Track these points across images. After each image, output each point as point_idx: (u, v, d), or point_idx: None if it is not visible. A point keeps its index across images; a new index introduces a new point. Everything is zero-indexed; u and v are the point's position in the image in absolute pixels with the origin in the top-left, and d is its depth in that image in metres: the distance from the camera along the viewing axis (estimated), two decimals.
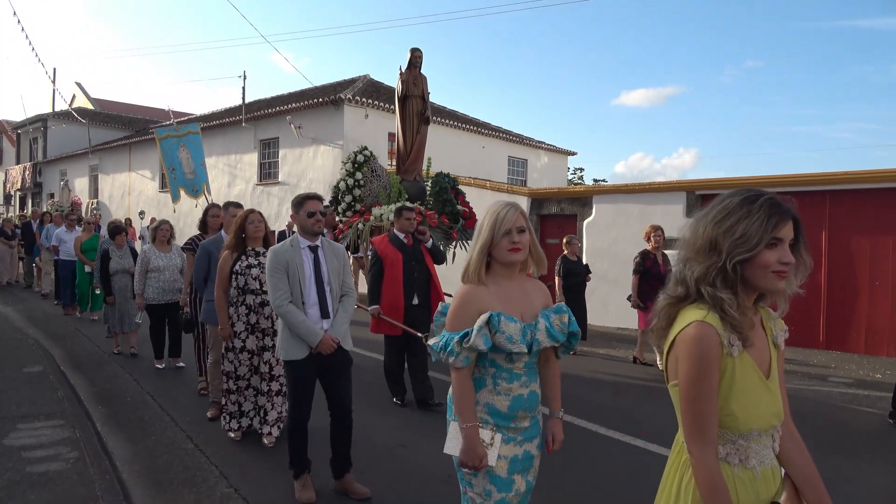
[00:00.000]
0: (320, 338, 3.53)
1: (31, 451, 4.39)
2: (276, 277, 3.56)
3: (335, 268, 3.72)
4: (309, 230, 3.65)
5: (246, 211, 4.63)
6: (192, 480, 3.94)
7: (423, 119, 9.18)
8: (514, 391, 2.20)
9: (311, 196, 3.70)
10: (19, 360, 7.21)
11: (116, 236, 7.78)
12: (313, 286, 3.62)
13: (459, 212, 8.68)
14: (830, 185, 8.98)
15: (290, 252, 3.60)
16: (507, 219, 2.17)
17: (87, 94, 38.17)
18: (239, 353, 4.51)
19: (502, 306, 2.16)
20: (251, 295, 4.46)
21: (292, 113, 17.62)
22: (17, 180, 32.88)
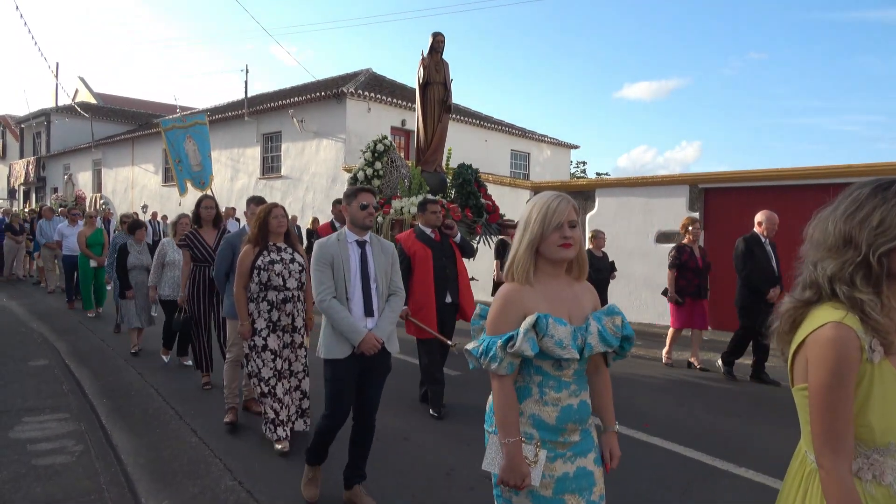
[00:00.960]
0: (363, 336, 3.34)
1: (37, 443, 4.42)
2: (320, 271, 3.40)
3: (383, 265, 3.52)
4: (360, 224, 3.48)
5: (269, 205, 4.49)
6: (196, 473, 3.97)
7: (444, 107, 8.73)
8: (564, 401, 2.00)
9: (364, 188, 3.54)
10: (25, 353, 7.25)
11: (136, 231, 7.67)
12: (358, 282, 3.44)
13: (483, 205, 8.23)
14: (837, 179, 8.93)
15: (336, 246, 3.45)
16: (558, 211, 1.97)
17: (89, 88, 38.21)
18: (262, 352, 4.33)
19: (549, 308, 1.97)
20: (273, 291, 4.30)
21: (295, 107, 17.61)
22: (21, 175, 32.97)
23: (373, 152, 8.49)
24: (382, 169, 8.53)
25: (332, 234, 3.69)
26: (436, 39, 8.73)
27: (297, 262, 4.41)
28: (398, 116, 17.78)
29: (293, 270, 4.36)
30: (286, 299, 4.33)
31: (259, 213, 4.40)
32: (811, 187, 9.06)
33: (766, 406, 5.72)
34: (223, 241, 5.08)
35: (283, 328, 4.37)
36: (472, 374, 6.76)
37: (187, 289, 5.79)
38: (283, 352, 4.40)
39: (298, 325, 4.44)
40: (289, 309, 4.36)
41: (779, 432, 4.79)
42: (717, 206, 10.01)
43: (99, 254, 9.58)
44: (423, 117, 8.76)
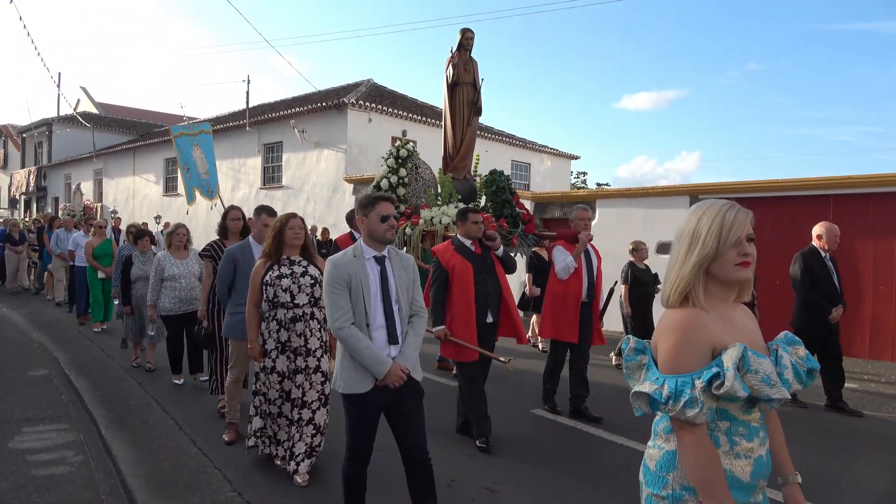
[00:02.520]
0: (388, 368, 2.96)
1: (36, 454, 4.40)
2: (335, 294, 2.98)
3: (404, 282, 3.14)
4: (380, 237, 3.08)
5: (286, 215, 4.13)
6: (196, 484, 3.95)
7: (474, 109, 8.01)
8: (756, 451, 1.67)
9: (384, 197, 3.13)
10: (24, 363, 7.23)
11: (140, 241, 7.30)
12: (380, 305, 3.04)
13: (519, 215, 7.54)
14: (835, 190, 8.97)
15: (352, 263, 3.02)
16: (737, 223, 1.68)
17: (91, 98, 38.37)
18: (269, 374, 4.01)
19: (731, 337, 1.67)
20: (282, 309, 3.95)
21: (296, 117, 17.68)
22: (22, 184, 33.05)
23: (396, 158, 7.81)
24: (407, 176, 7.84)
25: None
26: (465, 36, 8.01)
27: (310, 276, 4.04)
28: (399, 127, 17.84)
29: (304, 285, 3.99)
30: (296, 318, 3.95)
31: (276, 223, 4.08)
32: (812, 198, 9.09)
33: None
34: (224, 253, 4.78)
35: (295, 350, 3.97)
36: None
37: (208, 303, 5.36)
38: (297, 377, 3.97)
39: (312, 347, 4.00)
40: (300, 328, 3.96)
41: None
42: None
43: (108, 265, 9.10)
44: (452, 120, 8.06)
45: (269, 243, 4.05)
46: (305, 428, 4.00)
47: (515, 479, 4.14)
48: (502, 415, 5.54)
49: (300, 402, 3.98)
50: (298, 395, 3.98)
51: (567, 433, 5.21)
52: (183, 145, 11.92)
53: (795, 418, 5.70)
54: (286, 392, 4.02)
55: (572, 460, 4.56)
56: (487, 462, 4.41)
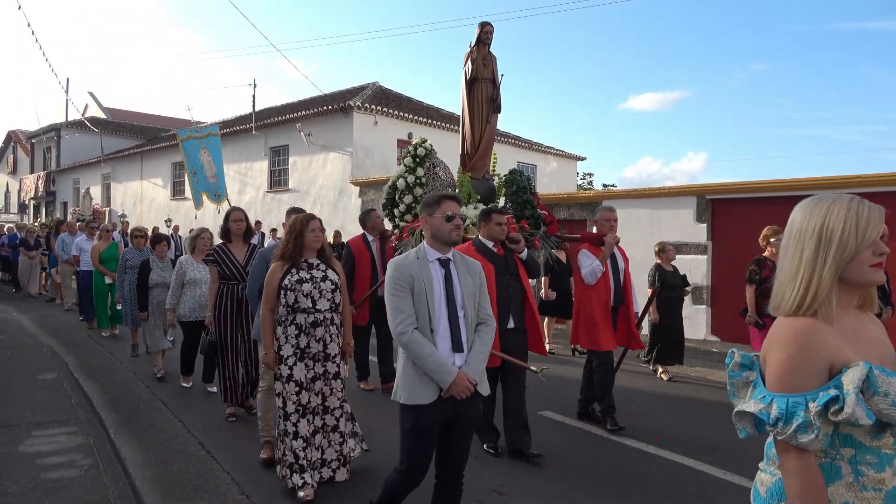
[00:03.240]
0: (454, 376, 2.78)
1: (46, 457, 4.43)
2: (398, 297, 2.83)
3: (470, 288, 2.97)
4: (444, 238, 2.94)
5: (305, 216, 3.94)
6: (204, 487, 3.96)
7: (494, 106, 7.71)
8: (888, 483, 1.45)
9: (449, 195, 3.02)
10: (34, 367, 7.28)
11: (157, 245, 7.20)
12: (444, 310, 2.88)
13: (541, 216, 7.20)
14: (843, 189, 8.91)
15: (416, 266, 2.89)
16: (871, 220, 1.51)
17: (99, 103, 38.64)
18: (286, 383, 3.78)
19: (857, 352, 1.47)
20: (301, 314, 3.78)
21: (302, 120, 17.73)
22: (31, 189, 33.30)
23: (413, 157, 7.50)
24: (425, 176, 7.52)
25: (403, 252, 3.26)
26: (483, 30, 7.72)
27: (330, 281, 3.88)
28: (404, 129, 17.86)
29: (325, 290, 3.84)
30: (316, 323, 3.80)
31: (294, 224, 3.89)
32: None
33: None
34: (257, 255, 4.66)
35: (314, 356, 3.82)
36: None
37: (215, 309, 5.25)
38: (315, 384, 3.82)
39: (332, 353, 3.87)
40: (319, 334, 3.81)
41: None
42: (725, 217, 9.98)
43: (114, 269, 8.84)
44: (471, 118, 7.74)
45: (286, 245, 3.88)
46: (332, 435, 3.87)
47: (523, 482, 4.13)
48: None
49: (321, 409, 3.83)
50: (318, 402, 3.82)
51: (575, 435, 5.19)
52: (190, 149, 11.74)
53: None
54: (304, 406, 3.78)
55: (580, 462, 4.55)
56: (495, 464, 4.40)
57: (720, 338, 9.69)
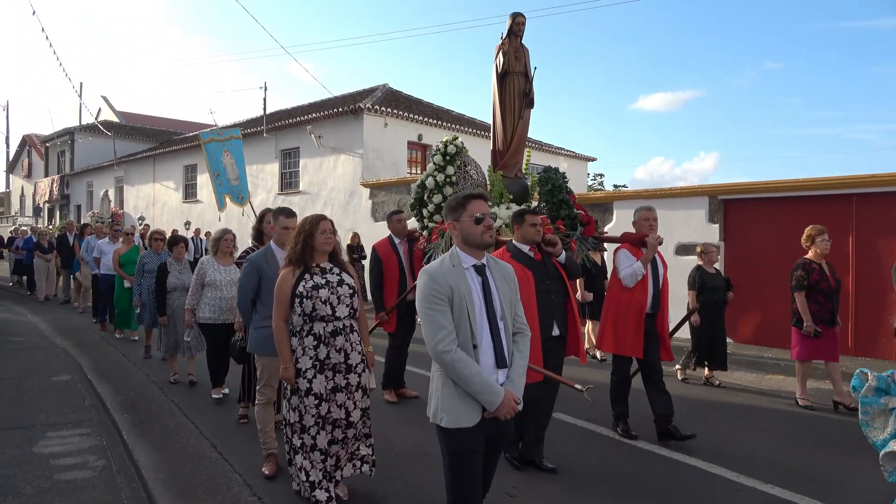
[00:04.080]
0: (502, 398, 2.57)
1: (60, 458, 4.46)
2: (435, 311, 2.57)
3: (507, 295, 2.75)
4: (477, 241, 2.69)
5: (315, 217, 3.69)
6: (216, 489, 3.97)
7: (527, 101, 7.26)
8: None
9: (474, 194, 2.77)
10: (48, 369, 7.34)
11: (175, 248, 7.06)
12: (485, 322, 2.65)
13: (577, 216, 6.75)
14: (857, 189, 8.81)
15: (453, 275, 2.63)
16: None
17: (112, 107, 39.01)
18: (304, 397, 3.54)
19: None
20: (320, 322, 3.55)
21: (312, 123, 17.79)
22: (46, 193, 33.65)
23: (443, 155, 7.08)
24: (455, 175, 7.10)
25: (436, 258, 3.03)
26: (515, 21, 7.24)
27: (347, 285, 3.65)
28: (415, 131, 17.89)
29: (343, 295, 3.60)
30: (336, 331, 3.56)
31: (303, 225, 3.65)
32: (833, 198, 8.94)
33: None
34: (246, 262, 4.40)
35: (334, 367, 3.57)
36: None
37: None
38: (337, 396, 3.58)
39: (353, 363, 3.63)
40: (339, 343, 3.57)
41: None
42: (738, 217, 9.90)
43: (133, 273, 8.61)
44: (502, 113, 7.31)
45: (294, 248, 3.61)
46: (352, 444, 3.70)
47: (535, 484, 4.12)
48: None
49: (344, 423, 3.61)
50: (342, 416, 3.59)
51: (586, 437, 5.16)
52: (213, 151, 11.59)
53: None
54: (323, 418, 3.56)
55: (591, 465, 4.52)
56: (507, 467, 4.38)
57: (732, 339, 9.61)
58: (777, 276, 8.60)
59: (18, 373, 7.05)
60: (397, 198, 15.36)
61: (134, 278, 8.34)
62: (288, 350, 3.57)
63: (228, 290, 5.90)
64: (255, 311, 4.26)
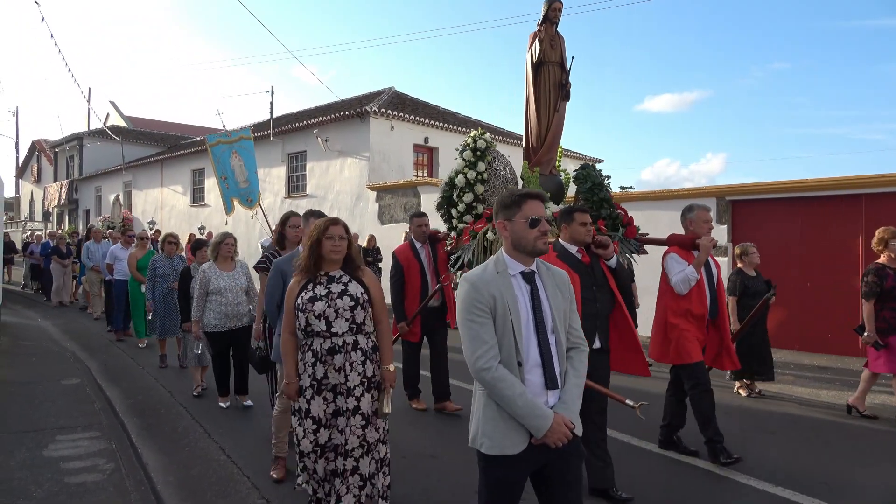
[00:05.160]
0: (550, 422, 2.25)
1: (69, 462, 4.48)
2: (476, 323, 2.29)
3: (560, 306, 2.43)
4: (529, 247, 2.38)
5: (325, 221, 3.40)
6: (224, 491, 3.98)
7: (563, 92, 6.70)
8: None
9: (532, 194, 2.47)
10: (58, 372, 7.38)
11: (198, 252, 6.72)
12: (533, 336, 2.34)
13: (619, 216, 6.32)
14: (867, 189, 8.76)
15: (496, 282, 2.34)
16: None
17: (120, 112, 39.25)
18: (303, 419, 3.29)
19: None
20: (318, 339, 3.28)
21: (319, 126, 17.84)
22: (55, 197, 33.88)
23: (473, 151, 6.56)
24: (486, 172, 6.58)
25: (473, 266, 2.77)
26: (552, 7, 6.78)
27: (350, 296, 3.30)
28: (421, 134, 17.91)
29: (341, 308, 3.27)
30: (334, 349, 3.26)
31: (312, 232, 3.38)
32: (842, 198, 8.88)
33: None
34: (272, 266, 4.20)
35: (334, 388, 3.28)
36: None
37: (264, 321, 4.77)
38: (338, 420, 3.27)
39: (352, 384, 3.27)
40: (339, 362, 3.26)
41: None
42: (746, 218, 9.85)
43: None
44: (537, 106, 6.76)
45: (304, 256, 3.38)
46: (351, 478, 3.28)
47: None
48: None
49: (343, 451, 3.28)
50: (341, 443, 3.28)
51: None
52: (220, 154, 11.34)
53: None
54: (321, 445, 3.29)
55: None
56: None
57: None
58: (786, 278, 8.54)
59: (29, 376, 7.09)
60: (404, 200, 15.38)
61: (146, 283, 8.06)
62: (293, 364, 3.36)
63: (234, 296, 5.78)
64: (279, 318, 3.98)
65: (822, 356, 8.53)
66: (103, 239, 12.26)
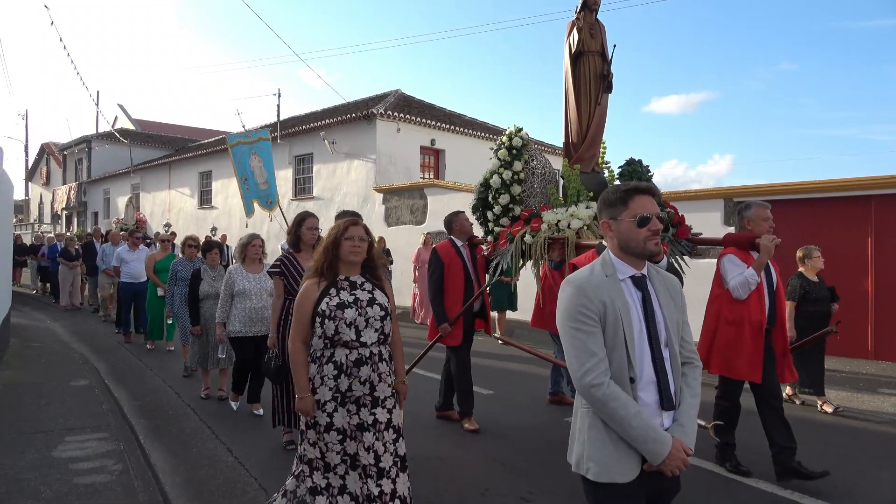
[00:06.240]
0: (670, 447, 2.00)
1: (78, 462, 4.50)
2: (583, 332, 2.05)
3: (673, 315, 2.19)
4: (638, 249, 2.14)
5: (345, 220, 3.17)
6: (232, 493, 3.99)
7: (605, 84, 6.18)
8: None
9: (641, 188, 2.20)
10: (66, 373, 7.41)
11: (208, 253, 6.60)
12: (646, 350, 2.10)
13: (668, 215, 5.89)
14: (876, 190, 8.70)
15: (606, 287, 2.11)
16: None
17: (128, 115, 39.51)
18: (324, 433, 3.02)
19: None
20: (342, 349, 3.03)
21: (325, 128, 17.89)
22: (64, 200, 34.10)
23: (509, 149, 6.12)
24: (523, 171, 6.15)
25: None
26: None
27: (379, 305, 3.09)
28: (427, 136, 17.94)
29: (372, 317, 3.05)
30: (361, 360, 3.03)
31: (330, 233, 3.15)
32: (851, 199, 8.82)
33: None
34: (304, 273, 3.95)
35: (358, 400, 3.03)
36: (506, 394, 6.68)
37: (279, 328, 4.52)
38: (365, 436, 3.01)
39: (381, 396, 3.07)
40: (365, 374, 3.03)
41: None
42: None
43: (166, 281, 8.01)
44: (577, 99, 6.27)
45: (319, 258, 3.13)
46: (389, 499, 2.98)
47: (550, 488, 4.09)
48: (537, 422, 5.49)
49: (375, 471, 2.99)
50: (371, 462, 2.99)
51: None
52: (240, 155, 11.17)
53: None
54: (350, 455, 3.01)
55: None
56: (521, 470, 4.36)
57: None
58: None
59: (38, 378, 7.13)
60: (410, 202, 15.40)
61: (167, 287, 7.84)
62: (305, 376, 3.06)
63: (259, 299, 5.55)
64: None
65: (829, 358, 8.48)
66: (106, 242, 12.31)
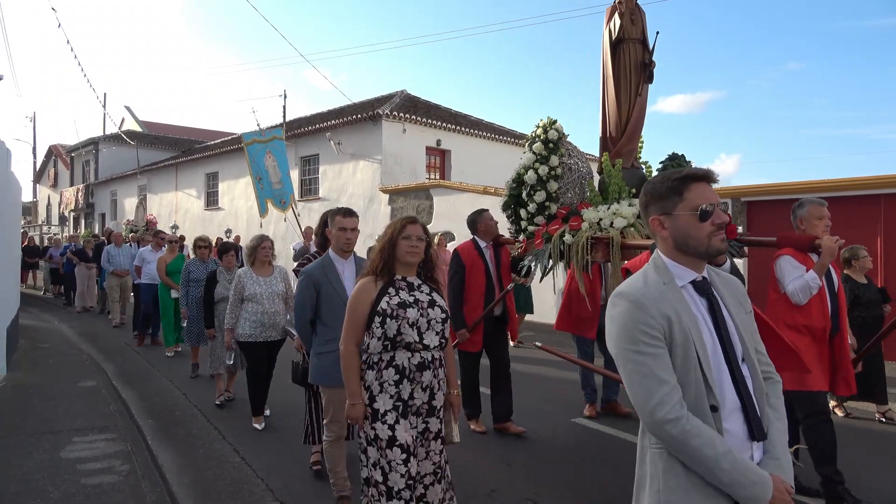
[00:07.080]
0: (771, 489, 1.60)
1: (86, 463, 4.51)
2: (647, 355, 1.65)
3: (745, 323, 1.81)
4: (702, 248, 1.75)
5: (402, 219, 2.97)
6: (239, 493, 4.00)
7: (646, 74, 5.75)
8: None
9: (697, 174, 1.80)
10: (74, 374, 7.44)
11: (224, 256, 6.46)
12: (724, 370, 1.70)
13: None
14: (885, 189, 8.65)
15: (667, 297, 1.71)
16: None
17: (135, 116, 39.67)
18: (387, 449, 2.72)
19: None
20: (404, 352, 2.79)
21: (331, 129, 17.92)
22: (71, 201, 34.28)
23: (544, 142, 5.65)
24: (560, 167, 5.71)
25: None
26: None
27: (440, 307, 2.90)
28: (433, 136, 17.94)
29: (434, 319, 2.85)
30: (423, 364, 2.81)
31: (388, 230, 2.96)
32: (860, 198, 8.77)
33: None
34: (302, 274, 3.74)
35: (417, 410, 2.82)
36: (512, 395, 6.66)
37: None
38: (431, 445, 2.86)
39: (437, 405, 2.88)
40: (427, 380, 2.82)
41: None
42: (761, 219, 9.77)
43: (179, 282, 7.85)
44: (616, 90, 5.82)
45: (376, 257, 2.93)
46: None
47: (557, 489, 4.08)
48: (543, 423, 5.47)
49: (441, 476, 2.89)
50: (429, 471, 2.87)
51: (608, 441, 5.10)
52: (255, 154, 11.04)
53: None
54: (413, 478, 2.76)
55: (614, 468, 4.46)
56: (528, 471, 4.35)
57: None
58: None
59: (46, 379, 7.16)
60: (416, 203, 15.41)
61: (180, 288, 7.66)
62: (357, 381, 2.84)
63: (270, 303, 5.35)
64: (315, 334, 3.67)
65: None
66: (125, 243, 12.19)
